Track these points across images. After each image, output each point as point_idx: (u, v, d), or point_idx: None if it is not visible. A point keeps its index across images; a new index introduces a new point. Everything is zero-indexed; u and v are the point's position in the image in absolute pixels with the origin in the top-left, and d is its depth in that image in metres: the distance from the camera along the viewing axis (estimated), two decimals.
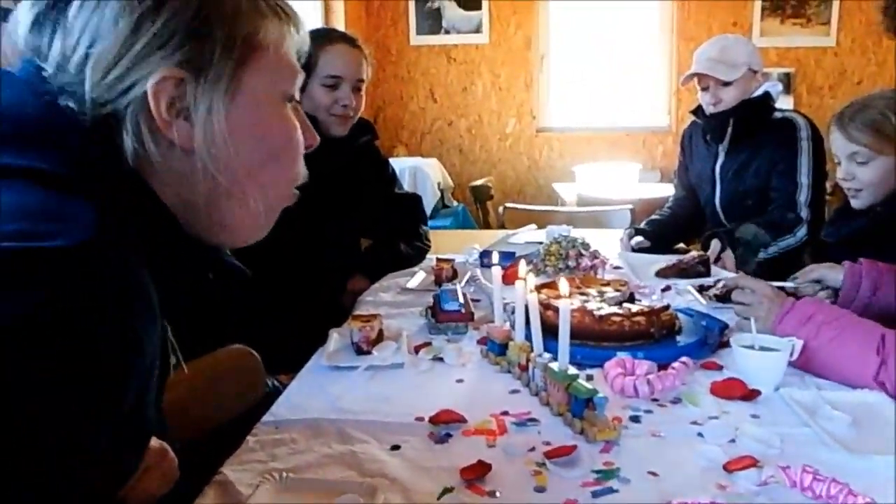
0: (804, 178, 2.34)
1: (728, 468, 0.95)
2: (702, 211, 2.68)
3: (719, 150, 2.54)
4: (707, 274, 1.93)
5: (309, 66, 2.02)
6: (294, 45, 0.78)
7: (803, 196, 2.33)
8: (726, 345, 1.40)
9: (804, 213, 2.32)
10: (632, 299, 1.57)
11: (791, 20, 5.31)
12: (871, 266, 1.57)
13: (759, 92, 2.44)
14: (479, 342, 1.48)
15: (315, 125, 2.10)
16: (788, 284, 1.66)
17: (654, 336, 1.41)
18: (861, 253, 1.79)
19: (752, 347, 1.28)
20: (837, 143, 1.78)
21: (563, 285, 1.27)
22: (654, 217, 2.72)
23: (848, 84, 5.34)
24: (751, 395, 1.20)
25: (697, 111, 2.59)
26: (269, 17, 0.74)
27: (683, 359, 1.29)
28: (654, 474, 0.95)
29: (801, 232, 2.31)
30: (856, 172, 1.75)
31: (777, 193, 2.39)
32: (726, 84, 2.41)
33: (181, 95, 0.68)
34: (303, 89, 2.05)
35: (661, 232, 2.57)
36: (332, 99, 2.03)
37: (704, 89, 2.48)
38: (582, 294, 1.58)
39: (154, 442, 0.92)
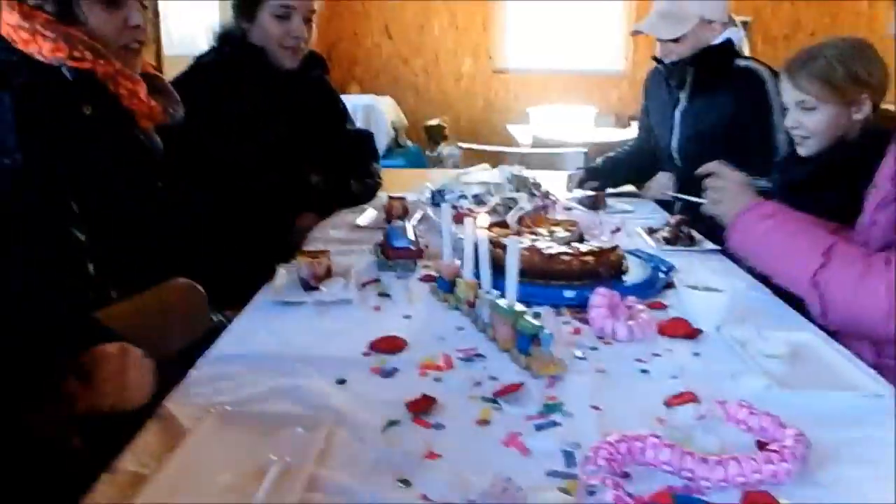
0: (780, 135, 2.33)
1: (668, 403, 0.98)
2: (657, 154, 2.69)
3: (680, 96, 2.54)
4: (691, 239, 1.85)
5: None
6: None
7: (778, 157, 2.33)
8: (671, 286, 1.43)
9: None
10: (581, 239, 1.58)
11: None
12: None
13: (720, 39, 2.42)
14: (421, 279, 1.49)
15: (265, 57, 2.05)
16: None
17: (602, 275, 1.42)
18: (802, 200, 1.83)
19: (696, 288, 1.31)
20: (786, 91, 1.80)
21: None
22: (609, 154, 2.74)
23: (802, 34, 5.38)
24: (693, 333, 1.23)
25: (659, 58, 2.57)
26: None
27: (632, 298, 1.31)
28: (596, 408, 0.97)
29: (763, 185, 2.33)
30: (803, 120, 1.77)
31: (746, 155, 2.37)
32: (675, 41, 2.39)
33: None
34: (252, 19, 1.99)
35: (614, 169, 2.60)
36: (284, 30, 1.96)
37: (658, 39, 2.46)
38: (532, 234, 1.58)
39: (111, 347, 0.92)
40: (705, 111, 2.45)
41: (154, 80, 1.53)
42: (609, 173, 2.54)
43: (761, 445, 0.86)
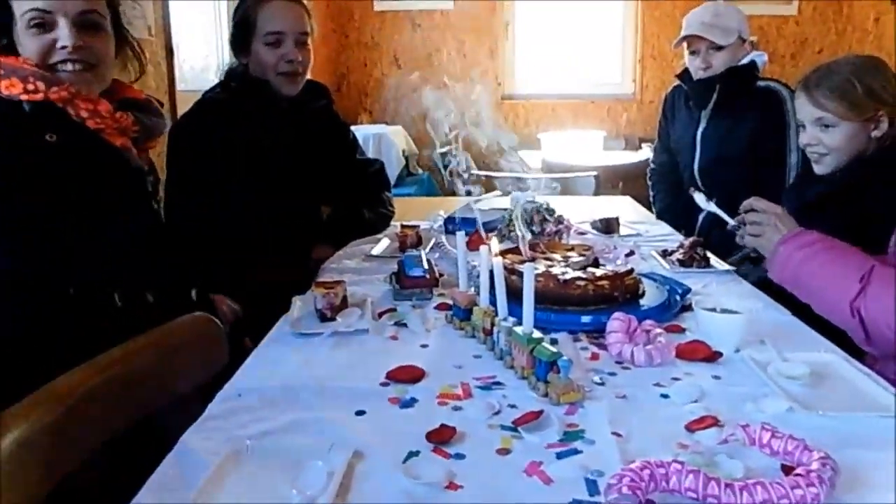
0: (793, 156, 2.35)
1: (690, 428, 0.97)
2: (680, 175, 2.70)
3: (702, 116, 2.55)
4: (706, 261, 1.83)
5: (249, 26, 1.98)
6: None
7: (791, 179, 2.34)
8: (688, 308, 1.42)
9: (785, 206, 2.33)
10: (596, 264, 1.58)
11: None
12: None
13: (745, 60, 2.45)
14: (436, 308, 1.49)
15: (268, 90, 2.07)
16: (732, 221, 1.66)
17: (618, 300, 1.42)
18: (819, 218, 1.81)
19: (713, 310, 1.30)
20: (803, 108, 1.80)
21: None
22: (653, 171, 2.82)
23: (809, 52, 5.39)
24: (713, 356, 1.21)
25: (683, 76, 2.59)
26: None
27: (649, 322, 1.30)
28: (617, 435, 0.96)
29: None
30: (821, 137, 1.77)
31: (764, 174, 2.39)
32: (718, 49, 2.42)
33: None
34: (248, 52, 2.01)
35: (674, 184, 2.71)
36: (277, 56, 1.98)
37: (693, 53, 2.48)
38: (546, 259, 1.58)
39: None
40: (727, 132, 2.47)
41: (132, 100, 1.52)
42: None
43: (787, 470, 0.85)
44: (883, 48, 5.25)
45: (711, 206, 1.73)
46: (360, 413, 1.03)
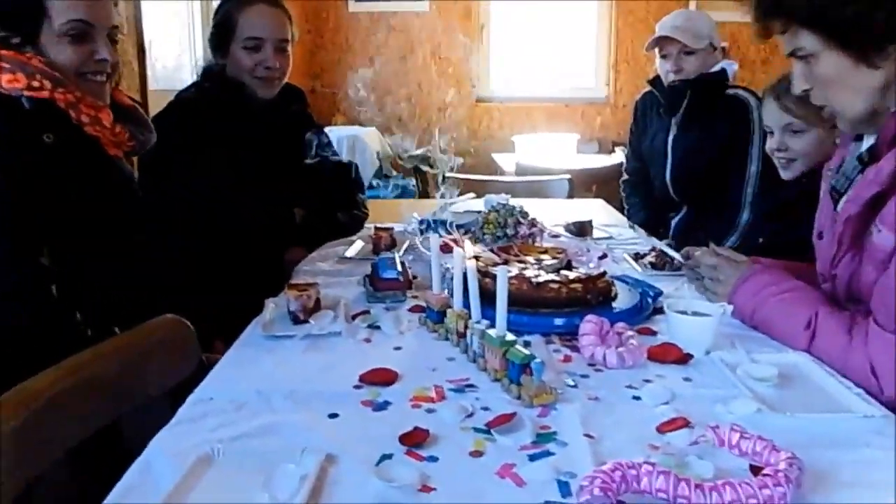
0: (753, 167, 2.38)
1: (661, 430, 0.98)
2: (652, 183, 2.73)
3: (672, 123, 2.58)
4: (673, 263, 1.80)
5: (229, 28, 1.97)
6: None
7: (750, 188, 2.37)
8: (660, 311, 1.43)
9: (745, 213, 2.37)
10: (569, 267, 1.59)
11: None
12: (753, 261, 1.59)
13: (716, 68, 2.48)
14: (410, 310, 1.48)
15: (243, 91, 2.08)
16: (678, 256, 1.67)
17: (591, 302, 1.43)
18: (784, 223, 1.84)
19: (685, 313, 1.31)
20: (772, 114, 1.83)
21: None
22: (626, 184, 2.86)
23: (779, 58, 5.40)
24: (684, 358, 1.23)
25: (655, 82, 2.61)
26: None
27: (622, 325, 1.31)
28: (590, 437, 0.97)
29: (743, 219, 2.36)
30: (789, 143, 1.80)
31: (727, 183, 2.42)
32: (690, 53, 2.45)
33: None
34: (226, 53, 2.00)
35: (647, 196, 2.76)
36: (255, 61, 1.98)
37: (665, 57, 2.51)
38: (520, 262, 1.59)
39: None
40: (697, 139, 2.50)
41: (127, 108, 1.54)
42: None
43: (755, 470, 0.86)
44: None
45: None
46: (332, 416, 1.03)
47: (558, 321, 1.37)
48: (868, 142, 1.27)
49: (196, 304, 1.43)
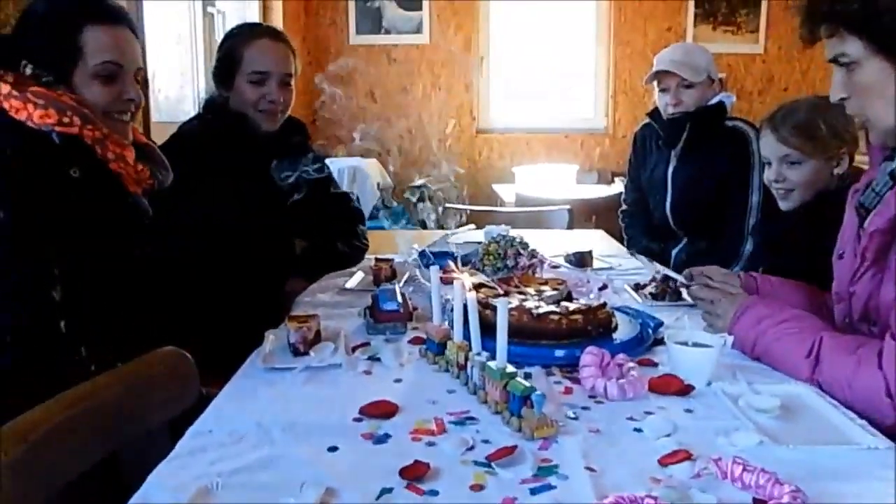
0: (755, 197, 2.40)
1: (663, 462, 0.97)
2: (652, 213, 2.74)
3: (671, 156, 2.60)
4: (678, 294, 1.81)
5: (234, 62, 1.99)
6: None
7: (752, 219, 2.39)
8: (661, 342, 1.43)
9: (748, 244, 2.38)
10: (569, 298, 1.59)
11: (722, 27, 5.47)
12: (763, 280, 1.61)
13: (714, 101, 2.51)
14: (410, 342, 1.48)
15: (246, 124, 2.10)
16: (680, 278, 1.68)
17: (591, 334, 1.42)
18: (782, 254, 1.85)
19: (685, 344, 1.31)
20: (769, 145, 1.84)
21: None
22: (625, 215, 2.88)
23: (775, 90, 5.52)
24: (685, 390, 1.22)
25: (654, 114, 2.64)
26: None
27: (622, 356, 1.30)
28: (591, 470, 0.96)
29: (747, 249, 2.37)
30: (787, 174, 1.81)
31: (729, 213, 2.44)
32: (688, 87, 2.47)
33: None
34: (230, 86, 2.02)
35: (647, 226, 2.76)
36: (259, 95, 2.00)
37: (664, 90, 2.53)
38: (520, 293, 1.59)
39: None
40: (697, 171, 2.52)
41: (144, 147, 1.57)
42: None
43: (758, 503, 0.85)
44: None
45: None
46: (332, 449, 1.02)
47: (559, 353, 1.36)
48: None
49: (196, 336, 1.43)
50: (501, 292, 1.56)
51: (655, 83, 2.58)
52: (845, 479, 0.93)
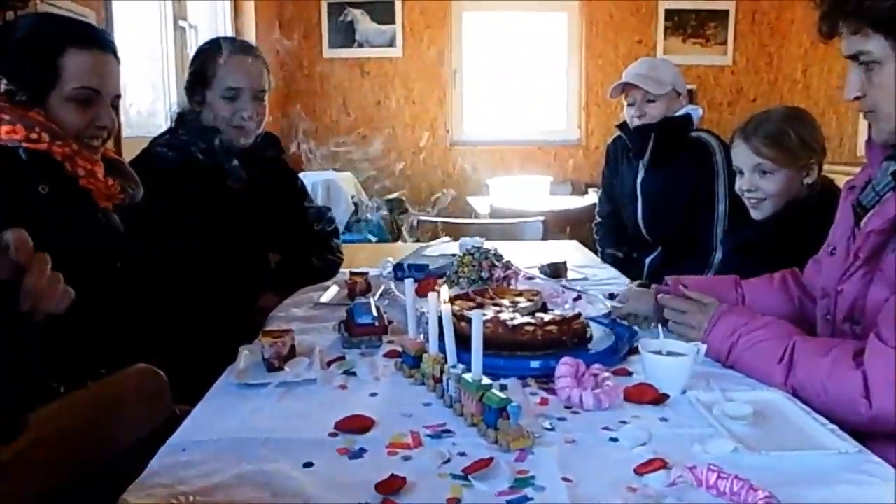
0: (721, 206, 2.44)
1: (639, 471, 0.97)
2: (625, 224, 2.78)
3: (640, 166, 2.65)
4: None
5: (208, 78, 1.98)
6: None
7: (720, 228, 2.43)
8: (635, 351, 1.44)
9: (718, 252, 2.41)
10: (544, 309, 1.60)
11: (692, 40, 5.57)
12: (674, 283, 1.62)
13: (680, 112, 2.57)
14: (385, 355, 1.47)
15: (219, 138, 2.09)
16: (613, 304, 1.71)
17: (567, 344, 1.43)
18: (748, 262, 1.87)
19: (659, 353, 1.32)
20: (742, 155, 1.87)
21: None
22: (599, 225, 2.91)
23: (744, 101, 5.61)
24: (660, 398, 1.23)
25: (623, 126, 2.70)
26: None
27: (597, 366, 1.31)
28: (567, 480, 0.96)
29: (717, 257, 2.40)
30: (759, 184, 1.84)
31: (698, 222, 2.47)
32: (651, 100, 2.53)
33: None
34: (203, 101, 2.01)
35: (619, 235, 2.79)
36: (233, 110, 1.99)
37: (631, 104, 2.60)
38: (495, 305, 1.59)
39: None
40: (664, 181, 2.57)
41: (113, 162, 1.56)
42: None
43: None
44: (811, 97, 5.51)
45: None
46: (308, 465, 1.01)
47: (534, 364, 1.37)
48: None
49: (168, 353, 1.41)
50: (476, 304, 1.56)
51: (623, 96, 2.64)
52: (817, 484, 0.94)
